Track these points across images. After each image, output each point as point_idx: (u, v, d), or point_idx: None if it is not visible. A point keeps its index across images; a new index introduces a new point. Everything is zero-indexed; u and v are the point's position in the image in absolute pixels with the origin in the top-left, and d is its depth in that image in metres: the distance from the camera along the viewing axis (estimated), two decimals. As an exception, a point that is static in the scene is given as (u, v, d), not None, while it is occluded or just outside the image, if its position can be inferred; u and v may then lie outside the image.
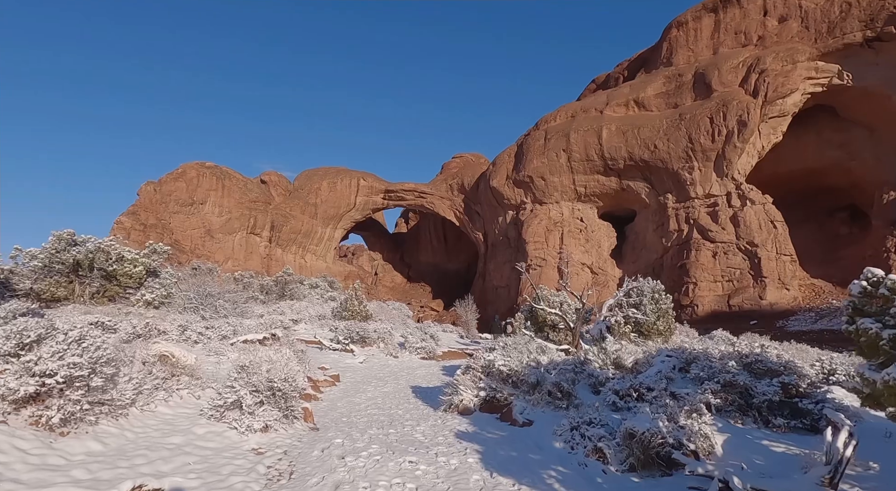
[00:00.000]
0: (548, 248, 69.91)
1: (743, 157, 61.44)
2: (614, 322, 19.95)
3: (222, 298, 19.85)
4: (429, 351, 21.82)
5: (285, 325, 22.24)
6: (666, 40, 68.80)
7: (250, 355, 12.31)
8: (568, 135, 68.91)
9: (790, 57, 59.20)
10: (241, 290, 30.35)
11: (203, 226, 77.82)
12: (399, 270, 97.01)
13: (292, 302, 28.62)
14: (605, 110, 68.85)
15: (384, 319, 27.38)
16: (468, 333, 34.43)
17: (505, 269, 73.58)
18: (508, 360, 11.13)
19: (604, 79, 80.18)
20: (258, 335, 13.38)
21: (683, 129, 63.13)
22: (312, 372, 14.45)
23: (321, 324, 25.08)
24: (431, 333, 26.21)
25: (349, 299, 25.31)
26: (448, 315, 76.32)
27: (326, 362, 17.14)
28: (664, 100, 66.66)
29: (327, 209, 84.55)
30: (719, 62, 63.11)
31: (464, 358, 23.77)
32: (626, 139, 66.14)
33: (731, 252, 61.75)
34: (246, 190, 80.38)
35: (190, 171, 76.95)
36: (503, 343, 16.67)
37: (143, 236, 74.29)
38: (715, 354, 10.37)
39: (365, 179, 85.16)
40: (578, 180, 69.63)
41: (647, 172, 66.58)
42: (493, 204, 76.71)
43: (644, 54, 74.77)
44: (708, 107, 61.93)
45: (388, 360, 20.38)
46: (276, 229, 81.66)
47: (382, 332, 22.30)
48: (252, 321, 21.89)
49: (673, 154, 63.85)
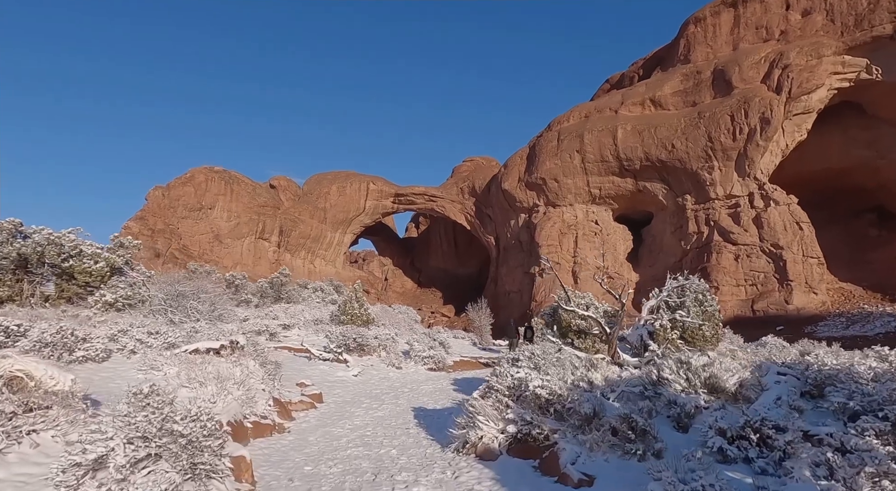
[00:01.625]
0: (562, 251, 66.13)
1: (766, 156, 57.46)
2: (659, 327, 16.31)
3: (195, 298, 16.48)
4: (438, 361, 18.29)
5: (271, 330, 18.82)
6: (683, 37, 65.15)
7: (197, 369, 8.86)
8: (582, 135, 65.32)
9: (815, 51, 55.31)
10: (234, 292, 27.10)
11: (211, 231, 75.07)
12: (409, 275, 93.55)
13: (288, 305, 25.36)
14: (620, 110, 65.22)
15: (388, 323, 23.95)
16: (482, 340, 30.87)
17: (517, 273, 69.87)
18: (547, 379, 7.59)
19: (618, 78, 76.56)
20: (213, 343, 10.05)
21: (703, 127, 59.32)
22: (288, 390, 10.99)
23: (316, 329, 21.64)
24: (441, 339, 22.66)
25: (348, 301, 21.91)
26: (459, 321, 72.66)
27: (312, 376, 13.68)
28: (682, 98, 62.91)
29: (336, 214, 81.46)
30: (740, 58, 59.33)
31: (478, 368, 20.16)
32: (642, 139, 62.42)
33: (755, 255, 57.63)
34: (255, 194, 77.58)
35: (198, 176, 74.31)
36: (529, 352, 13.07)
37: (151, 241, 71.64)
38: (862, 371, 6.78)
39: (374, 183, 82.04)
40: (593, 182, 65.93)
41: (664, 173, 62.75)
42: (504, 207, 73.14)
43: (660, 52, 71.11)
44: (728, 104, 58.11)
45: (390, 371, 16.87)
46: (285, 234, 78.69)
47: (384, 338, 18.82)
48: (232, 326, 18.50)
49: (692, 153, 60.00)
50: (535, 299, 65.35)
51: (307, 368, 14.92)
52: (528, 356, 12.93)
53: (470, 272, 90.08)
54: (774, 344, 20.74)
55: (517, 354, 13.28)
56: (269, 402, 9.23)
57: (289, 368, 14.42)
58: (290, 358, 16.06)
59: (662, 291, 17.46)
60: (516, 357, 13.25)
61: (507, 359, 13.40)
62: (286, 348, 17.38)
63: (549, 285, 65.37)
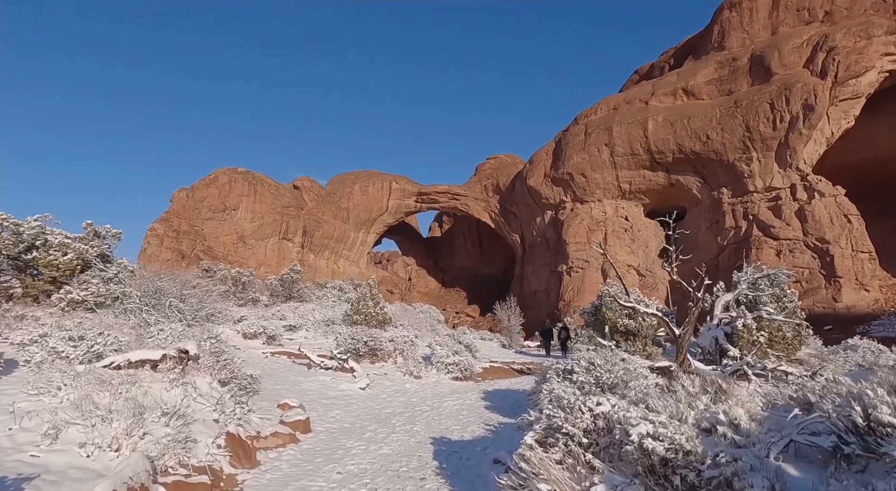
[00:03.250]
0: (590, 249, 62.06)
1: (809, 145, 52.59)
2: (742, 326, 12.72)
3: (178, 295, 13.55)
4: (464, 368, 15.00)
5: (270, 333, 15.76)
6: (717, 23, 60.59)
7: (106, 395, 5.73)
8: (610, 128, 61.27)
9: (864, 31, 50.34)
10: (240, 290, 24.33)
11: (235, 232, 73.21)
12: (433, 275, 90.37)
13: (298, 304, 22.48)
14: (651, 101, 60.98)
15: (408, 324, 20.80)
16: (511, 342, 27.50)
17: (544, 272, 66.07)
18: (658, 420, 4.24)
19: (647, 69, 72.14)
20: (153, 354, 7.00)
21: (739, 116, 54.73)
22: (262, 416, 7.83)
23: (326, 331, 18.57)
24: (467, 341, 19.35)
25: (361, 299, 18.83)
26: (484, 321, 69.19)
27: (307, 391, 10.53)
28: (716, 87, 58.37)
29: (359, 213, 78.80)
30: (779, 42, 54.59)
31: (511, 376, 16.79)
32: (674, 130, 58.08)
33: (798, 250, 52.77)
34: (278, 195, 75.48)
35: (222, 177, 72.52)
36: (587, 362, 9.67)
37: (176, 243, 70.16)
38: None
39: (397, 182, 79.15)
40: (622, 176, 61.79)
41: (698, 166, 58.28)
42: (530, 204, 69.42)
43: (692, 40, 66.56)
44: (768, 91, 53.44)
45: (406, 382, 13.63)
46: (309, 235, 76.37)
47: (401, 341, 15.62)
48: (224, 328, 15.51)
49: (728, 145, 55.45)
50: (564, 299, 61.47)
51: (304, 379, 11.78)
52: (585, 367, 9.54)
53: (494, 271, 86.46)
54: (868, 348, 16.83)
55: (569, 364, 9.89)
56: (219, 440, 6.07)
57: (280, 380, 11.29)
58: (287, 367, 12.98)
59: (740, 282, 13.84)
60: (568, 367, 9.85)
61: (555, 370, 10.02)
62: (285, 354, 14.31)
63: (578, 284, 61.51)
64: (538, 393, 10.58)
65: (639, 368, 9.76)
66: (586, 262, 61.62)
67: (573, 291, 61.25)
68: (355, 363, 12.86)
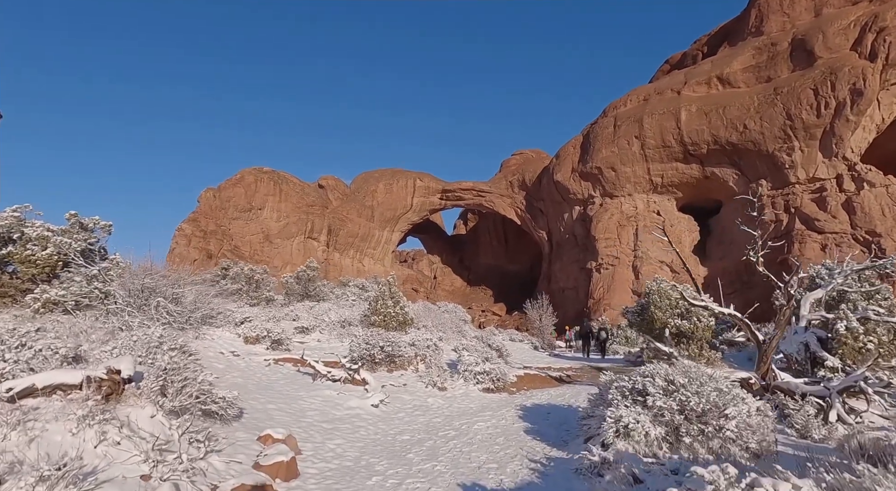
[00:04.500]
0: (620, 245, 58.94)
1: (857, 132, 48.50)
2: (844, 330, 10.06)
3: (166, 294, 11.58)
4: (496, 377, 12.65)
5: (276, 336, 13.68)
6: (754, 7, 56.67)
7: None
8: (641, 120, 57.96)
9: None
10: (254, 288, 22.52)
11: (262, 231, 72.25)
12: (458, 273, 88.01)
13: (313, 304, 20.51)
14: (684, 90, 57.44)
15: (431, 325, 18.60)
16: (544, 343, 25.01)
17: (572, 269, 63.10)
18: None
19: (679, 58, 68.31)
20: (69, 376, 4.89)
21: (780, 104, 50.88)
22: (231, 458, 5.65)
23: (342, 333, 16.46)
24: (497, 344, 17.00)
25: (380, 298, 16.68)
26: (511, 320, 66.57)
27: (305, 411, 8.34)
28: (754, 74, 54.54)
29: (384, 211, 76.97)
30: (823, 25, 50.54)
31: (549, 385, 14.33)
32: (709, 120, 54.50)
33: (846, 244, 48.67)
34: (303, 194, 74.23)
35: (248, 177, 71.60)
36: (664, 379, 7.24)
37: (203, 243, 69.51)
38: None
39: (421, 180, 77.06)
40: (654, 169, 58.41)
41: (735, 157, 54.58)
42: (557, 200, 66.49)
43: (727, 26, 62.60)
44: (811, 77, 49.48)
45: (429, 395, 11.37)
46: (333, 233, 74.93)
47: (423, 346, 13.37)
48: (224, 331, 13.49)
49: (767, 134, 51.67)
50: (593, 297, 58.46)
51: (305, 395, 9.60)
52: (662, 386, 7.10)
53: (521, 269, 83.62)
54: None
55: (636, 381, 7.43)
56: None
57: (275, 396, 9.13)
58: (289, 378, 10.86)
59: (834, 276, 11.14)
60: (638, 386, 7.40)
61: (619, 388, 7.58)
62: (290, 361, 12.20)
63: (608, 282, 58.41)
64: (595, 417, 8.13)
65: (728, 386, 7.25)
66: (616, 258, 58.47)
67: (603, 289, 58.18)
68: (368, 374, 10.65)
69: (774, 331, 9.33)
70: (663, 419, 6.63)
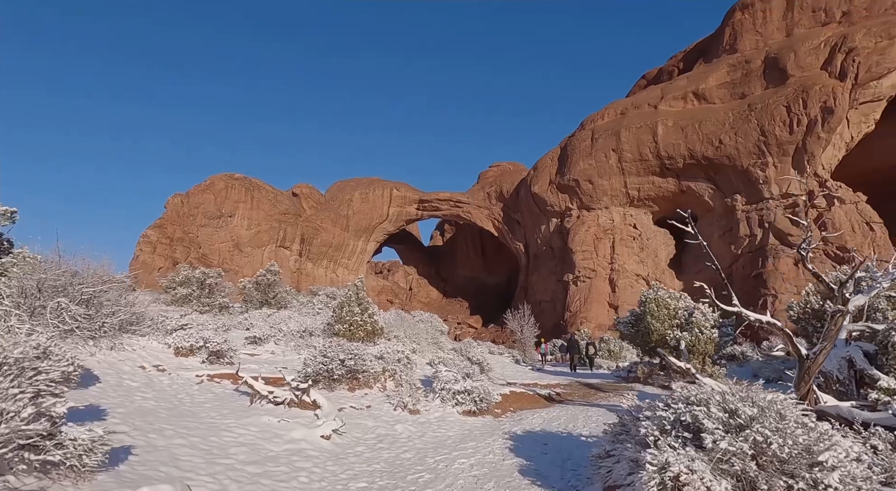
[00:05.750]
0: (597, 257, 57.73)
1: (828, 149, 48.57)
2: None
3: (70, 294, 9.17)
4: (479, 397, 10.57)
5: (215, 348, 11.29)
6: (728, 25, 56.92)
7: None
8: (618, 133, 57.28)
9: (885, 32, 46.59)
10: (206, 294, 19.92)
11: (231, 239, 68.88)
12: (434, 284, 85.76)
13: (272, 311, 18.13)
14: (660, 105, 57.08)
15: (404, 335, 16.42)
16: (525, 357, 23.00)
17: (549, 281, 61.60)
18: None
19: (655, 74, 68.33)
20: None
21: (754, 120, 50.78)
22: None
23: (300, 344, 14.13)
24: (478, 358, 14.90)
25: (346, 304, 14.45)
26: (487, 332, 64.52)
27: (226, 449, 6.16)
28: (728, 90, 54.49)
29: (359, 221, 74.47)
30: (795, 44, 50.80)
31: (539, 406, 12.27)
32: (685, 135, 54.08)
33: (818, 259, 48.36)
34: (276, 202, 71.27)
35: (218, 183, 68.38)
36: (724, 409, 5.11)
37: (169, 250, 65.81)
38: None
39: (398, 189, 74.96)
40: (630, 183, 57.64)
41: (710, 171, 54.19)
42: (534, 212, 65.17)
43: (701, 44, 62.84)
44: (784, 94, 49.54)
45: (398, 420, 9.22)
46: (307, 242, 72.01)
47: (393, 359, 11.20)
48: (151, 341, 11.05)
49: (742, 149, 51.45)
50: (570, 309, 56.95)
51: (233, 423, 7.32)
52: (721, 419, 5.08)
53: (498, 281, 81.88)
54: None
55: (679, 410, 5.39)
56: None
57: (189, 427, 6.84)
58: (220, 399, 8.58)
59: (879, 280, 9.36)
60: (682, 418, 5.35)
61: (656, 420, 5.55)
62: (229, 377, 9.85)
63: (585, 294, 57.02)
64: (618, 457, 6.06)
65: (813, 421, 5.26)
66: (593, 271, 57.20)
67: (580, 302, 56.75)
68: (321, 395, 8.42)
69: (822, 344, 7.50)
70: (730, 469, 4.57)
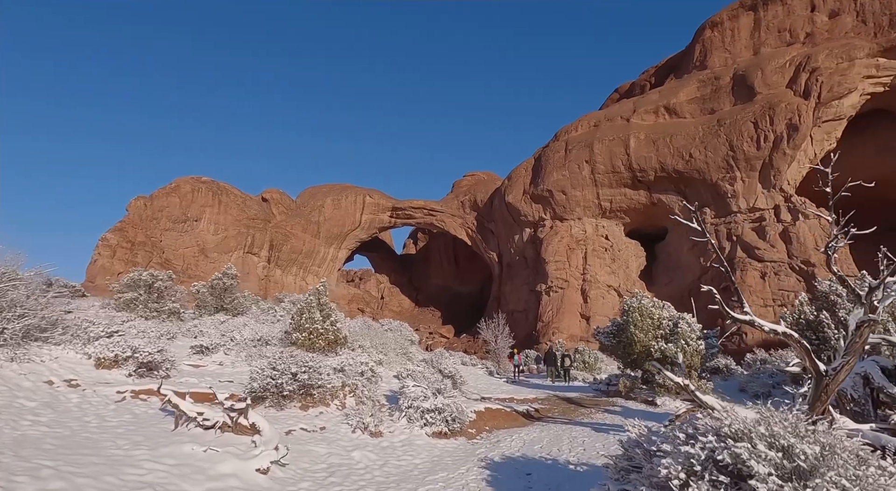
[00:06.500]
0: (570, 268, 57.29)
1: (793, 165, 49.51)
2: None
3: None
4: (451, 416, 9.30)
5: (144, 358, 9.71)
6: (699, 42, 57.83)
7: None
8: (591, 145, 57.29)
9: (846, 54, 47.87)
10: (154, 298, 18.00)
11: (197, 244, 65.97)
12: (407, 293, 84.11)
13: (226, 318, 16.51)
14: (633, 118, 57.40)
15: (370, 345, 15.03)
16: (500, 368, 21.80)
17: (522, 291, 60.84)
18: None
19: (628, 88, 69.03)
20: None
21: (723, 135, 51.45)
22: None
23: (253, 354, 12.59)
24: (450, 370, 13.60)
25: (305, 310, 13.00)
26: (459, 342, 63.21)
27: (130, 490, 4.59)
28: (698, 105, 55.18)
29: (331, 228, 72.47)
30: (762, 62, 51.84)
31: (516, 424, 11.07)
32: (656, 148, 54.42)
33: (783, 272, 49.01)
34: (244, 207, 68.74)
35: (184, 186, 65.56)
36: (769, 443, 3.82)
37: (130, 255, 62.52)
38: None
39: (371, 196, 73.39)
40: (603, 194, 57.59)
41: (680, 185, 54.58)
42: (508, 221, 64.53)
43: (673, 60, 63.74)
44: (751, 111, 50.37)
45: (356, 446, 7.88)
46: (276, 249, 69.59)
47: (354, 372, 9.83)
48: (67, 350, 9.40)
49: (711, 164, 52.01)
50: (542, 320, 56.22)
51: (146, 453, 5.87)
52: (773, 460, 3.85)
53: (471, 290, 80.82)
54: None
55: (712, 446, 4.18)
56: None
57: (81, 461, 5.33)
58: (141, 420, 7.11)
59: (888, 288, 8.49)
60: (723, 457, 4.13)
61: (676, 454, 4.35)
62: (154, 394, 8.33)
63: (558, 305, 56.40)
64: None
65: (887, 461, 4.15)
66: (566, 281, 56.69)
67: (552, 312, 56.09)
68: (261, 417, 6.96)
69: (844, 358, 6.51)
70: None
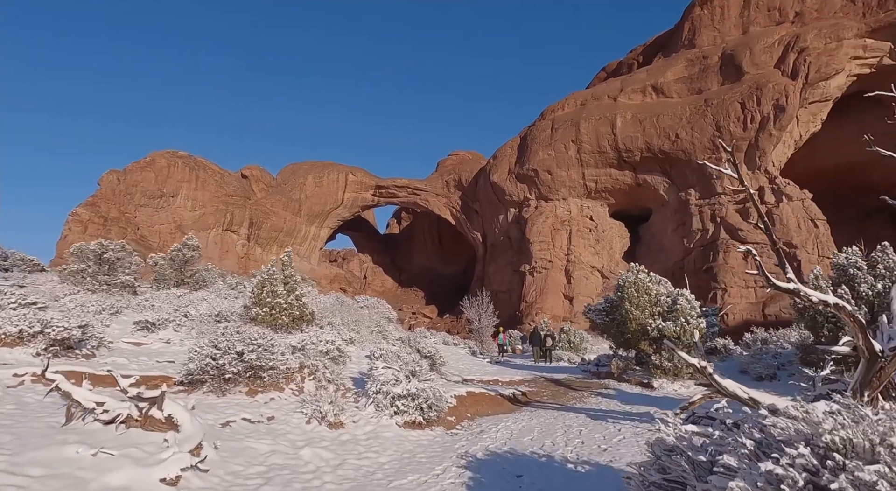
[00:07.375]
0: (554, 248, 56.35)
1: (778, 147, 48.86)
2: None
3: None
4: (426, 403, 8.01)
5: (58, 334, 8.15)
6: (687, 20, 56.39)
7: None
8: (578, 124, 55.91)
9: (835, 34, 46.94)
10: (106, 271, 16.37)
11: (174, 221, 63.43)
12: (390, 273, 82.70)
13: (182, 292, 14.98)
14: (620, 97, 56.05)
15: (342, 323, 13.64)
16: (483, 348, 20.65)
17: (506, 272, 59.85)
18: None
19: (615, 66, 67.46)
20: None
21: (710, 116, 50.47)
22: None
23: (204, 332, 11.11)
24: (428, 349, 12.31)
25: (267, 282, 11.57)
26: (442, 323, 62.22)
27: None
28: (686, 85, 53.98)
29: (312, 206, 70.33)
30: (751, 42, 50.67)
31: (501, 410, 9.87)
32: (643, 128, 53.27)
33: (766, 254, 48.56)
34: (223, 183, 66.18)
35: (160, 160, 62.69)
36: None
37: (102, 231, 59.79)
38: None
39: (354, 174, 71.25)
40: (588, 174, 56.46)
41: (666, 165, 53.68)
42: (493, 201, 63.18)
43: (661, 38, 62.26)
44: (738, 91, 49.39)
45: (308, 440, 6.50)
46: (256, 226, 67.38)
47: (316, 351, 8.44)
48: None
49: (697, 144, 51.08)
50: (526, 300, 55.41)
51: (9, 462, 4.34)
52: None
53: (455, 271, 79.69)
54: None
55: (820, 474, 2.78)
56: None
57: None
58: (29, 412, 5.73)
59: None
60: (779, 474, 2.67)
61: (745, 478, 2.93)
62: (73, 376, 6.83)
63: (541, 285, 55.57)
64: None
65: None
66: (550, 262, 55.81)
67: (536, 293, 55.28)
68: (181, 408, 5.42)
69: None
70: None
